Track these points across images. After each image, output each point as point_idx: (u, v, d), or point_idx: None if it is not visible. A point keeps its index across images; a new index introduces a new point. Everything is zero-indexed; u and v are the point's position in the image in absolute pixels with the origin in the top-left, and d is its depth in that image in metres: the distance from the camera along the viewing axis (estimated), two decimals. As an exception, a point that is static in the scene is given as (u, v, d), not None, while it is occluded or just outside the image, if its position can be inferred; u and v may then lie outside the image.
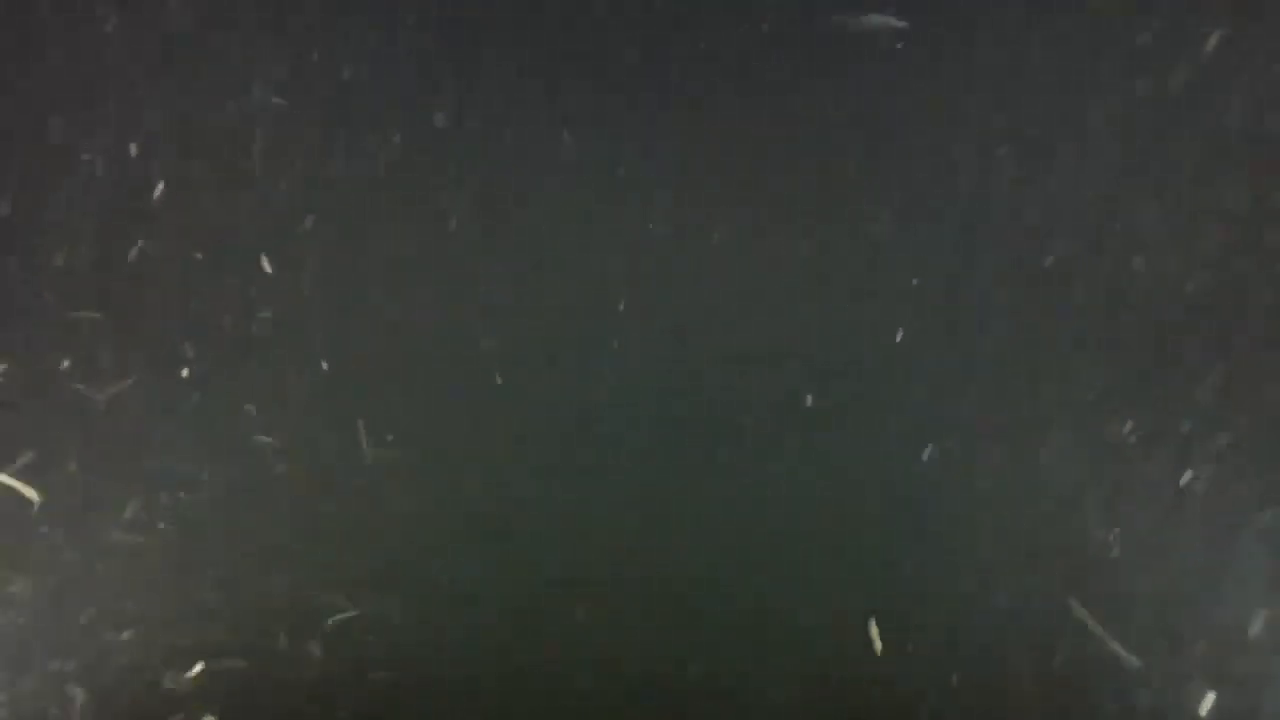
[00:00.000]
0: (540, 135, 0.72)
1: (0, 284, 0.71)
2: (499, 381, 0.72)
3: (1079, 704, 0.70)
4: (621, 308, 0.72)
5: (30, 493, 0.71)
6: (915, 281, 0.71)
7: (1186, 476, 0.70)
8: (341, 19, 0.71)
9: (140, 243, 0.71)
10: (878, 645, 0.70)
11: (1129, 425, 0.70)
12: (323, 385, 0.72)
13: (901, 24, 0.61)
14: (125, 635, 0.71)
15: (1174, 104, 0.69)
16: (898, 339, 0.70)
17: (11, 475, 0.71)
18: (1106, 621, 0.70)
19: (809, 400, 0.72)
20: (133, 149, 0.71)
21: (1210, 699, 0.69)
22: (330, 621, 0.72)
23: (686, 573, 0.72)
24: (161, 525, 0.72)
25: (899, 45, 0.69)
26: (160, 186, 0.71)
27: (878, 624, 0.70)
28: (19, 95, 0.70)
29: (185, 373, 0.72)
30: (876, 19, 0.61)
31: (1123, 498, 0.70)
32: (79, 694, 0.71)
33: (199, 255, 0.72)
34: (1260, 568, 0.69)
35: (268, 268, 0.71)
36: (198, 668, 0.71)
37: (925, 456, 0.71)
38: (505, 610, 0.73)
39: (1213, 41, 0.68)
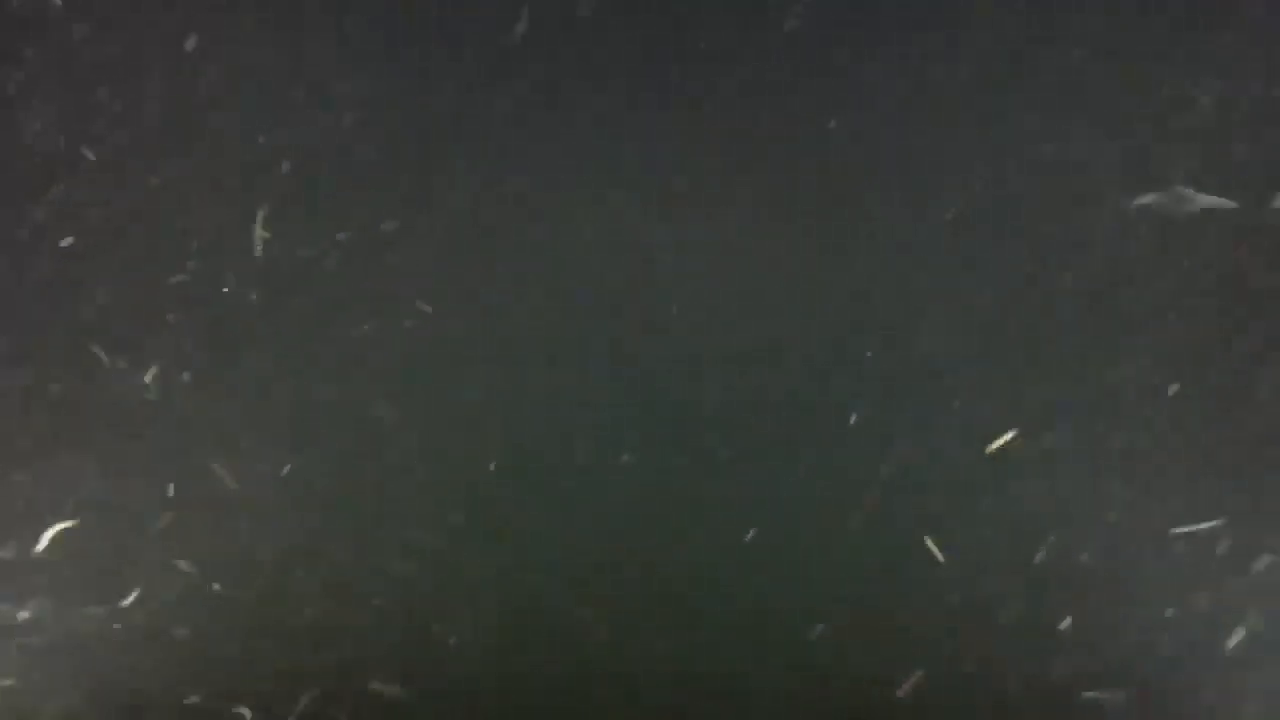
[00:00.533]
0: (540, 136, 0.72)
1: None
2: (495, 398, 0.72)
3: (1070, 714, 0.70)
4: (621, 309, 0.72)
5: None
6: (912, 284, 0.71)
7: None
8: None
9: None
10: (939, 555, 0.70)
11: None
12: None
13: (1233, 205, 0.62)
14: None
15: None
16: (852, 419, 0.71)
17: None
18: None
19: (812, 402, 0.72)
20: (68, 241, 0.71)
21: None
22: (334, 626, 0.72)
23: (687, 573, 0.72)
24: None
25: (900, 50, 0.70)
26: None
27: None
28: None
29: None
30: (1208, 199, 0.62)
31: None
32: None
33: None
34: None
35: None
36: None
37: (923, 456, 0.71)
38: (505, 610, 0.73)
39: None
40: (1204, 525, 0.69)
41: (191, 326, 0.72)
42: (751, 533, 0.72)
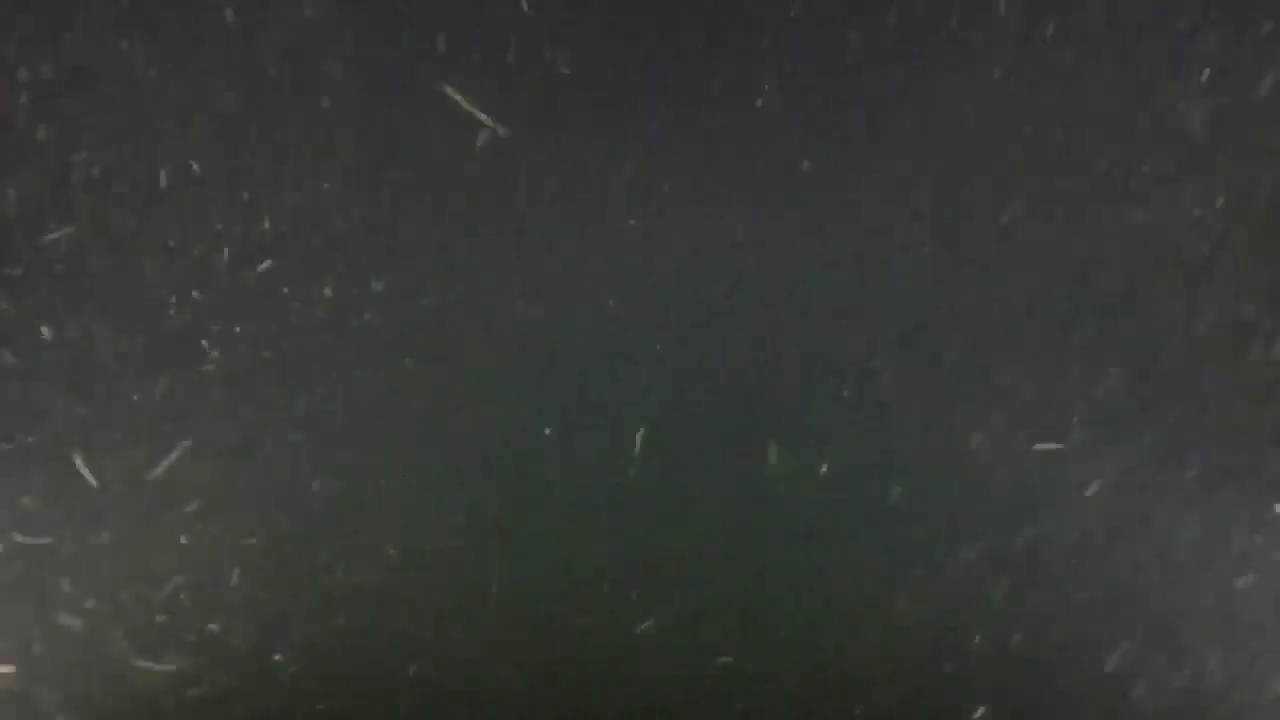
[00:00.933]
0: (541, 136, 0.70)
1: None
2: (497, 393, 0.72)
3: (1069, 706, 0.72)
4: (621, 308, 0.72)
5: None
6: (910, 284, 0.71)
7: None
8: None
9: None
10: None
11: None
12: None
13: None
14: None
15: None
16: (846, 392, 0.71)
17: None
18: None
19: (810, 407, 0.72)
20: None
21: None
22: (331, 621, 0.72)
23: (688, 573, 0.73)
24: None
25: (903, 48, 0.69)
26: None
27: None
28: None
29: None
30: None
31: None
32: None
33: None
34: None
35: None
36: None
37: (922, 457, 0.72)
38: (506, 611, 0.73)
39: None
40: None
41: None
42: (750, 534, 0.72)
